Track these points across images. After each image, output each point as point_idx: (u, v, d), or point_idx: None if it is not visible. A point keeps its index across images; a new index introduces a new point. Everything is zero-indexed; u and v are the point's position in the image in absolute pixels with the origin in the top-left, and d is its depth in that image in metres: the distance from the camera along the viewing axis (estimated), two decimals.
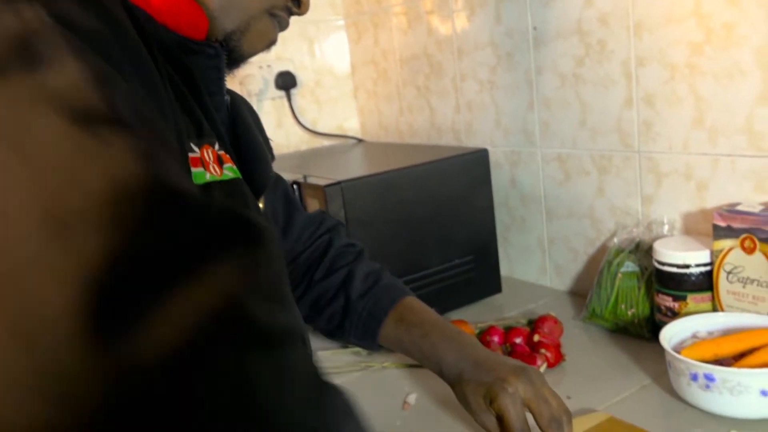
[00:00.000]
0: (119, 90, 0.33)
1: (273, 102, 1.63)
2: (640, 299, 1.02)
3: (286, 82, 1.61)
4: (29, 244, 0.26)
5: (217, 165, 0.52)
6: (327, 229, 0.90)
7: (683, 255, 0.94)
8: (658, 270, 0.97)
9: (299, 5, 0.59)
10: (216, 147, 0.53)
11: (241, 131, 0.62)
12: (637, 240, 1.06)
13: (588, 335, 1.05)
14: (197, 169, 0.50)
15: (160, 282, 0.27)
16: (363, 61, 1.64)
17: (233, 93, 0.67)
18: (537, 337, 0.98)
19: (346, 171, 1.17)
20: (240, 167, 0.57)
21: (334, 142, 1.68)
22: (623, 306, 1.03)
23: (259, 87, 1.59)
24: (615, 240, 1.09)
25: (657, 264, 0.97)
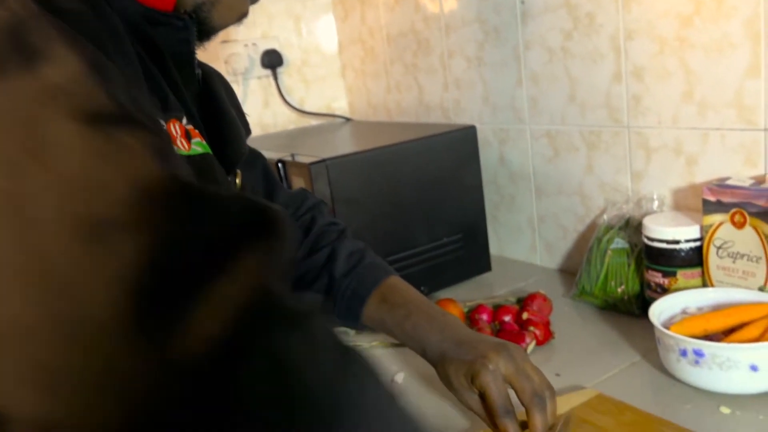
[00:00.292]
0: (116, 81, 0.34)
1: (259, 81, 1.60)
2: (629, 276, 1.01)
3: (272, 60, 1.59)
4: (67, 253, 0.27)
5: (185, 140, 0.51)
6: (309, 208, 0.88)
7: (673, 231, 0.93)
8: (647, 246, 0.96)
9: None
10: (184, 121, 0.51)
11: (214, 105, 0.60)
12: (627, 216, 1.05)
13: (577, 312, 1.05)
14: None
15: (195, 279, 0.28)
16: (350, 39, 1.62)
17: (206, 66, 0.65)
18: (526, 315, 0.98)
19: (332, 149, 1.15)
20: (212, 142, 0.55)
21: (322, 121, 1.66)
22: (613, 283, 1.02)
23: (245, 66, 1.57)
24: (604, 217, 1.08)
25: (646, 240, 0.96)
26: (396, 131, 1.30)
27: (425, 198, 1.15)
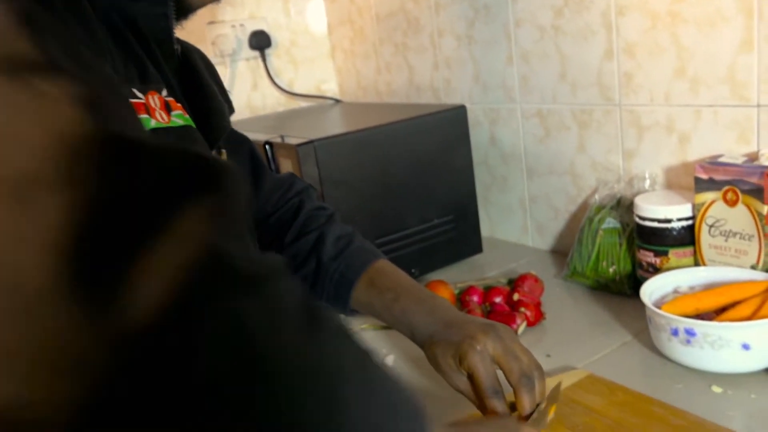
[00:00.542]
0: (50, 30, 0.31)
1: (247, 63, 1.58)
2: (621, 256, 1.00)
3: (260, 41, 1.56)
4: None
5: (165, 112, 0.50)
6: (297, 192, 0.87)
7: (665, 209, 0.92)
8: (639, 225, 0.95)
9: None
10: (164, 93, 0.50)
11: (194, 80, 0.58)
12: (619, 196, 1.04)
13: (569, 293, 1.04)
14: (142, 116, 0.48)
15: (132, 240, 0.26)
16: (339, 20, 1.59)
17: (185, 43, 0.64)
18: (517, 296, 0.97)
19: (320, 130, 1.13)
20: (194, 117, 0.54)
21: (311, 103, 1.64)
22: (604, 263, 1.01)
23: (232, 47, 1.54)
24: (596, 197, 1.07)
25: (638, 219, 0.95)
26: (386, 112, 1.28)
27: (415, 179, 1.14)
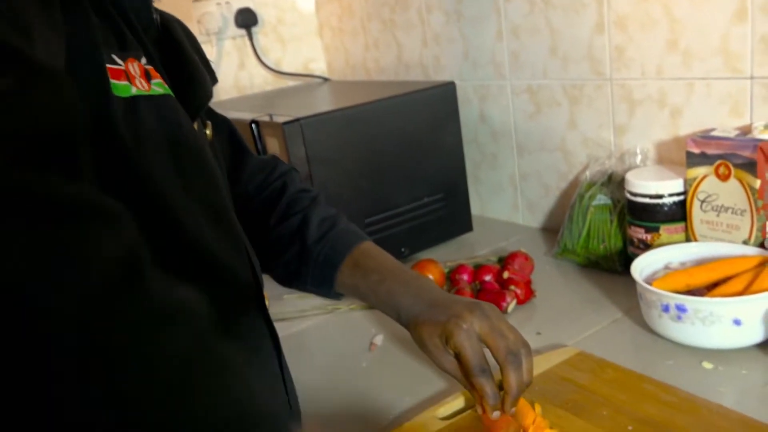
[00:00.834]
0: None
1: (234, 41, 1.55)
2: (612, 232, 0.99)
3: (246, 19, 1.53)
4: None
5: (144, 79, 0.48)
6: (280, 174, 0.84)
7: (656, 185, 0.91)
8: (630, 201, 0.94)
9: None
10: (143, 61, 0.48)
11: (175, 51, 0.57)
12: (610, 172, 1.02)
13: (559, 271, 1.03)
14: (121, 82, 0.46)
15: None
16: None
17: (164, 13, 0.62)
18: (506, 274, 0.95)
19: (307, 109, 1.11)
20: (175, 87, 0.52)
21: (299, 82, 1.61)
22: (595, 240, 1.00)
23: (218, 25, 1.51)
24: (587, 173, 1.05)
25: (629, 195, 0.94)
26: (374, 90, 1.26)
27: (404, 157, 1.12)
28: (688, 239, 0.91)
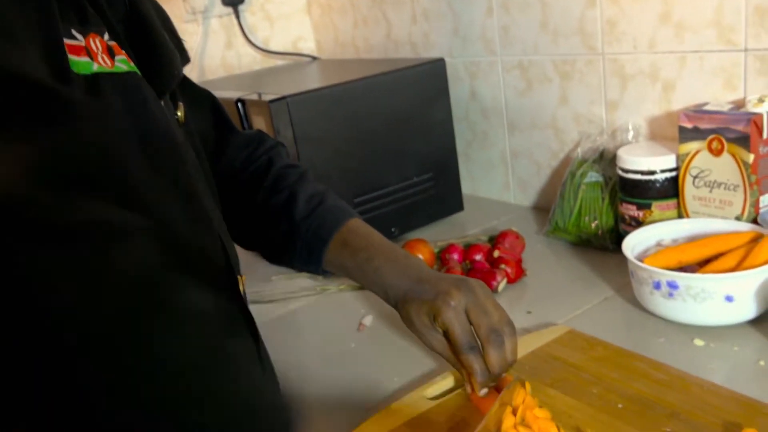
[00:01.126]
0: None
1: (220, 20, 1.52)
2: (603, 210, 0.98)
3: None
4: None
5: (107, 56, 0.46)
6: (266, 149, 0.82)
7: (648, 161, 0.89)
8: (621, 178, 0.93)
9: None
10: (105, 37, 0.46)
11: (143, 28, 0.54)
12: (601, 149, 1.01)
13: (551, 249, 1.01)
14: (82, 59, 0.44)
15: None
16: None
17: None
18: (497, 253, 0.94)
19: (294, 87, 1.09)
20: (142, 65, 0.50)
21: (288, 61, 1.58)
22: (587, 218, 0.99)
23: (204, 4, 1.48)
24: (578, 150, 1.04)
25: (621, 172, 0.92)
26: (363, 68, 1.24)
27: (394, 136, 1.10)
28: (680, 216, 0.89)
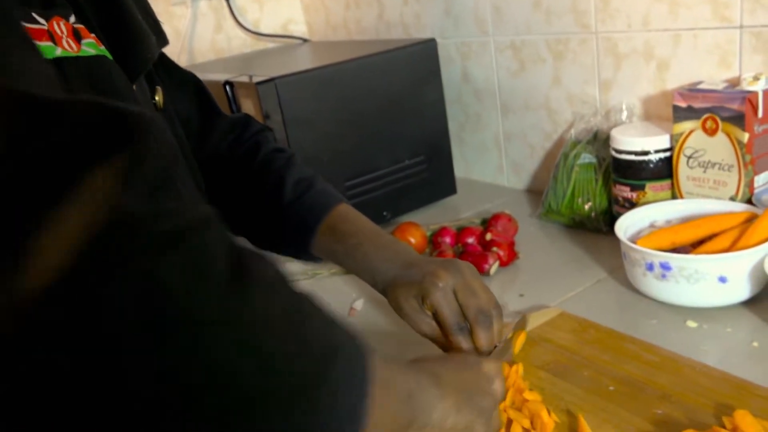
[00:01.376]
0: None
1: (209, 2, 1.49)
2: (597, 192, 0.96)
3: None
4: None
5: (73, 40, 0.44)
6: (253, 133, 0.81)
7: (641, 141, 0.88)
8: (615, 159, 0.91)
9: None
10: (72, 20, 0.45)
11: (115, 9, 0.53)
12: (595, 130, 0.99)
13: (544, 232, 1.00)
14: (45, 43, 0.42)
15: (37, 205, 0.25)
16: None
17: None
18: (489, 236, 0.93)
19: (284, 69, 1.07)
20: (112, 48, 0.49)
21: (278, 44, 1.56)
22: (580, 200, 0.97)
23: None
24: (572, 132, 1.02)
25: (614, 153, 0.91)
26: (354, 49, 1.22)
27: (385, 119, 1.09)
28: (674, 197, 0.88)
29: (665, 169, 0.88)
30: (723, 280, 0.70)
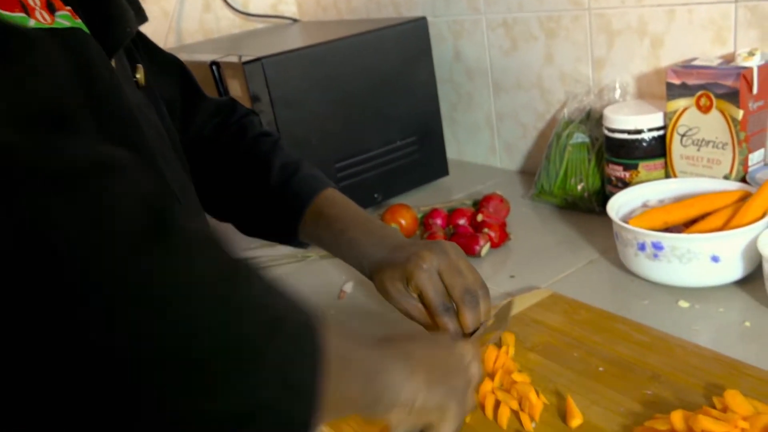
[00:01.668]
0: None
1: None
2: (590, 172, 0.95)
3: None
4: None
5: (47, 11, 0.43)
6: (239, 117, 0.79)
7: (634, 119, 0.87)
8: (608, 138, 0.90)
9: None
10: None
11: None
12: (588, 109, 0.98)
13: (536, 213, 0.99)
14: (15, 14, 0.40)
15: None
16: None
17: None
18: (481, 217, 0.92)
19: (271, 48, 1.05)
20: (89, 22, 0.47)
21: (268, 24, 1.54)
22: (572, 180, 0.96)
23: None
24: (565, 111, 1.01)
25: (607, 132, 0.90)
26: (344, 29, 1.20)
27: (375, 99, 1.07)
28: (667, 176, 0.87)
29: (659, 148, 0.87)
30: (716, 259, 0.69)
